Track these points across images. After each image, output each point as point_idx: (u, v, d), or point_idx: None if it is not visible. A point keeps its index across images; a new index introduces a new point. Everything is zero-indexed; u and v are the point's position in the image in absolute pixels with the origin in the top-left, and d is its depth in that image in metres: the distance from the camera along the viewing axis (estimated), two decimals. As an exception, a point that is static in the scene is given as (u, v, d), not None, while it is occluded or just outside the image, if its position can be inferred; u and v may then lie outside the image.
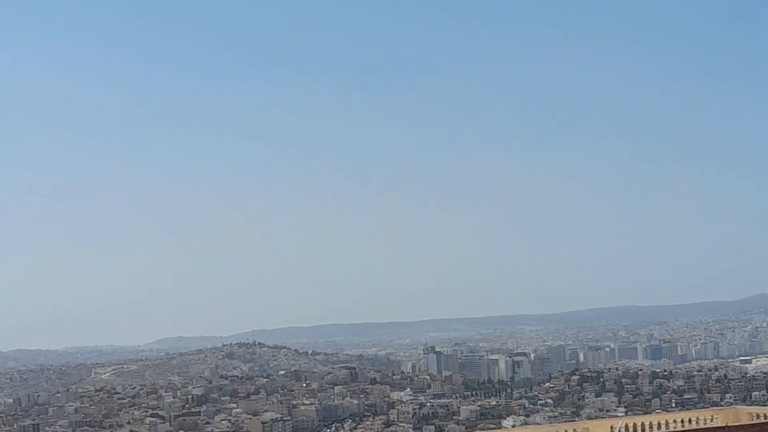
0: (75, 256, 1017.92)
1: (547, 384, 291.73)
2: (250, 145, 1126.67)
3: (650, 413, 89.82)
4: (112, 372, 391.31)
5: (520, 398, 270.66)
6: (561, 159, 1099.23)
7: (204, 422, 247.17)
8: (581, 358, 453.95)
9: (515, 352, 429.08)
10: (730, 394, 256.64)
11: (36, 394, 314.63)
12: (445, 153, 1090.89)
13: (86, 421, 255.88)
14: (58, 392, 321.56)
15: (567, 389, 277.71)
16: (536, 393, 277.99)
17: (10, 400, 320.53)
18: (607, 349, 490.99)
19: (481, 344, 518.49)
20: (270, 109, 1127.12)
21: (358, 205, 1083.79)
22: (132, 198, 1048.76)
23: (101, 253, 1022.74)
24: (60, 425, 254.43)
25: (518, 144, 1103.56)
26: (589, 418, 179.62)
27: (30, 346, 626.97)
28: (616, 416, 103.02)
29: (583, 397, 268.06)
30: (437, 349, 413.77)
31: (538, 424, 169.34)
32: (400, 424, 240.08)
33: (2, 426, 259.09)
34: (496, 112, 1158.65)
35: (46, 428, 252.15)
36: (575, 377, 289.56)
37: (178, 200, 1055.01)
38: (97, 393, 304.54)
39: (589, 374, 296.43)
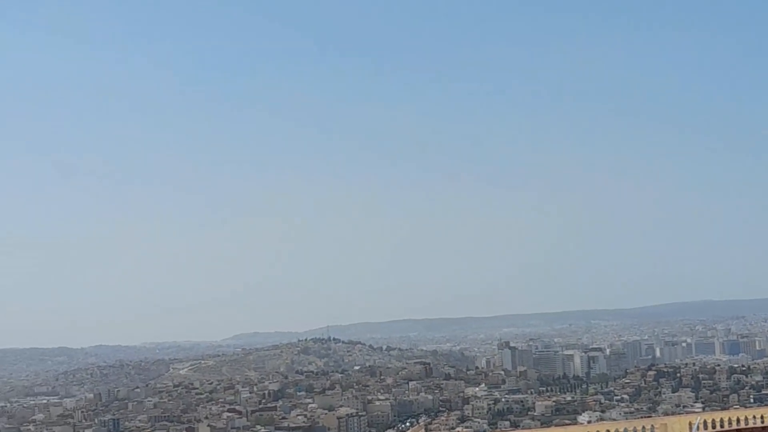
0: (152, 252, 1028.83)
1: (623, 380, 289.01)
2: (319, 135, 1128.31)
3: (728, 409, 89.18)
4: (190, 367, 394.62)
5: (596, 394, 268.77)
6: (638, 152, 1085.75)
7: (280, 417, 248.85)
8: (657, 354, 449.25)
9: (590, 347, 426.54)
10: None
11: (116, 390, 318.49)
12: (521, 144, 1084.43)
13: (165, 416, 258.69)
14: (138, 387, 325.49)
15: (643, 385, 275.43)
16: (612, 389, 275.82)
17: (91, 395, 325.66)
18: (684, 345, 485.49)
19: (556, 340, 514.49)
20: (341, 100, 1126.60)
21: (432, 199, 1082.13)
22: (209, 195, 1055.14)
23: (178, 249, 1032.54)
24: (139, 420, 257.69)
25: (595, 136, 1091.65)
26: (666, 414, 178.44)
27: (110, 342, 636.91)
28: (694, 412, 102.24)
29: (660, 392, 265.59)
30: (512, 344, 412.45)
31: (614, 419, 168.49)
32: (475, 420, 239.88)
33: (84, 420, 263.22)
34: (576, 105, 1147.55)
35: (126, 423, 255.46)
36: (651, 373, 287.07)
37: (255, 197, 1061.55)
38: (176, 388, 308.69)
39: (665, 370, 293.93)
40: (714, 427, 56.86)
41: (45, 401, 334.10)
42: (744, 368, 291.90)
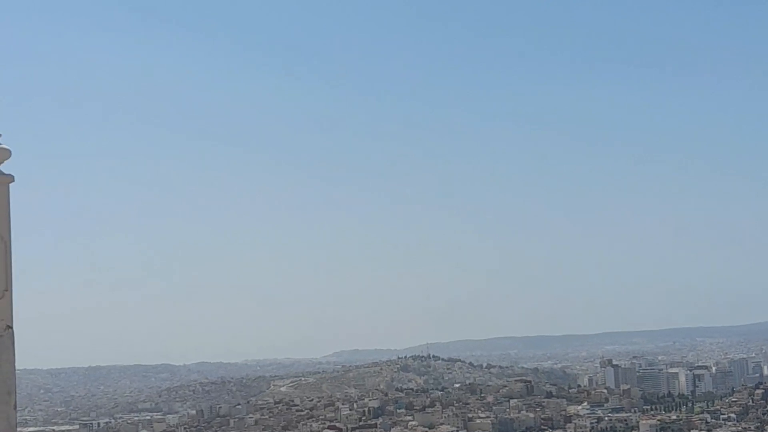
0: (255, 275, 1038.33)
1: (730, 398, 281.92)
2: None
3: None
4: (291, 384, 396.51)
5: (702, 413, 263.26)
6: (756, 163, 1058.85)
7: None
8: (765, 372, 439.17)
9: (696, 365, 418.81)
10: None
11: (218, 406, 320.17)
12: (622, 157, 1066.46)
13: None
14: (239, 404, 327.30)
15: (751, 403, 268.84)
16: (718, 407, 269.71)
17: (194, 412, 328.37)
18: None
19: (660, 357, 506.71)
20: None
21: (533, 214, 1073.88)
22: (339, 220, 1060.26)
23: (277, 265, 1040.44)
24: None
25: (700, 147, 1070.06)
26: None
27: (212, 359, 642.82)
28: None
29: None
30: (614, 362, 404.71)
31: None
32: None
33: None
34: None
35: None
36: (759, 391, 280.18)
37: (361, 212, 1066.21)
38: (276, 405, 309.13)
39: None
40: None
41: (148, 417, 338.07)
42: None
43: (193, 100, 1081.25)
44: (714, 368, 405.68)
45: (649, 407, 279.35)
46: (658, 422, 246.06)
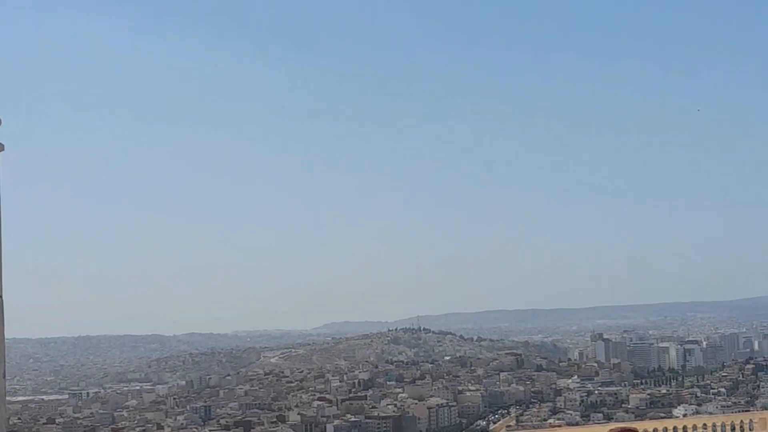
0: (243, 242, 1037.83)
1: (720, 373, 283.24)
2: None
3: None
4: (281, 356, 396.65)
5: (692, 387, 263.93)
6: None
7: (370, 406, 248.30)
8: (756, 347, 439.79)
9: (686, 340, 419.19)
10: None
11: (207, 377, 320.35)
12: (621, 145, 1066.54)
13: (255, 404, 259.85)
14: (229, 375, 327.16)
15: (741, 378, 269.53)
16: (708, 382, 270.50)
17: (183, 383, 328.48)
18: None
19: (650, 332, 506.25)
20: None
21: (527, 190, 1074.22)
22: (304, 191, 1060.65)
23: (268, 239, 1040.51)
24: (230, 407, 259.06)
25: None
26: (765, 408, 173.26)
27: (202, 330, 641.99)
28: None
29: (758, 386, 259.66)
30: (605, 336, 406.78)
31: (711, 413, 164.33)
32: (567, 412, 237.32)
33: (176, 407, 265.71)
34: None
35: (217, 410, 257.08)
36: (750, 366, 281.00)
37: (346, 196, 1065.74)
38: (266, 376, 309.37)
39: (764, 363, 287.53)
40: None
41: (138, 387, 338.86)
42: None
43: (196, 93, 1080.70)
44: (704, 343, 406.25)
45: (639, 381, 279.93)
46: (648, 396, 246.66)
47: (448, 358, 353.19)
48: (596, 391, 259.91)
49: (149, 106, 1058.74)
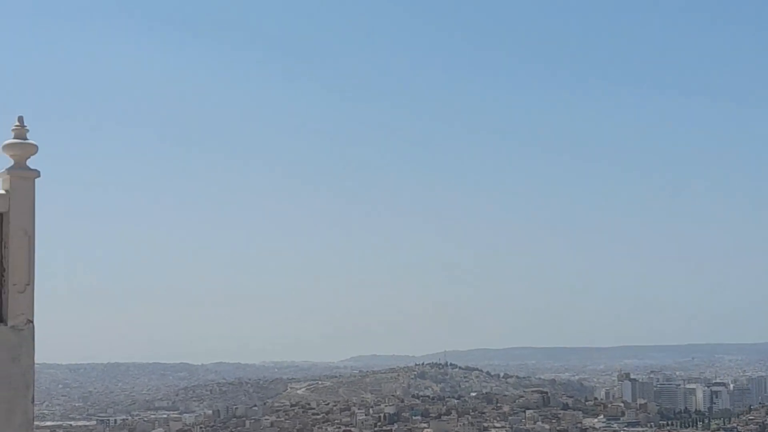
0: (275, 278, 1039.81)
1: (747, 416, 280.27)
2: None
3: None
4: (307, 387, 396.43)
5: (718, 429, 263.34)
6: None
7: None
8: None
9: (713, 381, 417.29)
10: None
11: (234, 407, 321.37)
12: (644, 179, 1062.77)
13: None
14: (255, 405, 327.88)
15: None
16: (735, 425, 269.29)
17: (210, 412, 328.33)
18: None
19: (677, 373, 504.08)
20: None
21: (557, 227, 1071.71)
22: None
23: (303, 271, 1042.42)
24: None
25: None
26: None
27: (230, 360, 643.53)
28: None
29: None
30: (632, 376, 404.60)
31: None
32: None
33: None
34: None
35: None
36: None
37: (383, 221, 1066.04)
38: (293, 407, 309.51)
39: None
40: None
41: (165, 416, 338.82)
42: None
43: (201, 107, 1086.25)
44: (732, 385, 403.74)
45: (665, 422, 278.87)
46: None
47: (474, 394, 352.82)
48: (622, 431, 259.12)
49: (170, 126, 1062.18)
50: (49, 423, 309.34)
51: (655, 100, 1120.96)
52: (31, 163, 15.50)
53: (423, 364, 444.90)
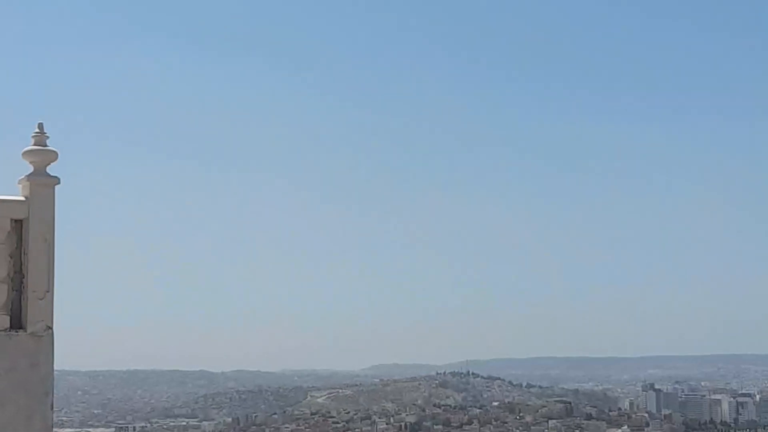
0: (295, 285, 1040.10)
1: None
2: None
3: None
4: (328, 396, 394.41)
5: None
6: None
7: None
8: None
9: (740, 392, 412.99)
10: None
11: (254, 415, 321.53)
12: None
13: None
14: (275, 413, 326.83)
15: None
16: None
17: (229, 419, 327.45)
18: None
19: (703, 383, 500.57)
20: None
21: (577, 235, 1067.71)
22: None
23: (322, 279, 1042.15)
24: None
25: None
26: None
27: (249, 368, 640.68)
28: None
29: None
30: (656, 386, 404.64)
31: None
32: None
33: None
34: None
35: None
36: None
37: (406, 229, 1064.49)
38: (313, 416, 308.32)
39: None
40: None
41: (184, 423, 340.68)
42: None
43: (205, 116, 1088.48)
44: (758, 396, 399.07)
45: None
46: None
47: (496, 403, 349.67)
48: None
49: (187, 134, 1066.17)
50: (68, 430, 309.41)
51: (664, 104, 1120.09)
52: (51, 170, 15.69)
53: (444, 372, 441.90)
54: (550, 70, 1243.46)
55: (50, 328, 15.17)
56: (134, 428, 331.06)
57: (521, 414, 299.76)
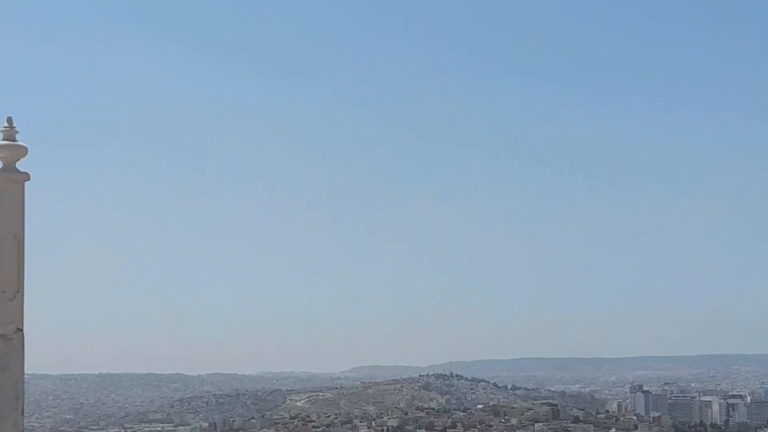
0: (273, 286, 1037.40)
1: (765, 429, 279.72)
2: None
3: None
4: (307, 399, 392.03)
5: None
6: None
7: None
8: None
9: (730, 394, 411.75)
10: None
11: (231, 419, 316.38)
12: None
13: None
14: (253, 418, 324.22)
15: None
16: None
17: (206, 424, 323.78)
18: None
19: (692, 385, 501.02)
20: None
21: (564, 236, 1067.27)
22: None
23: (300, 280, 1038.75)
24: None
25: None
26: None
27: (226, 371, 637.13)
28: None
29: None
30: (645, 388, 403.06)
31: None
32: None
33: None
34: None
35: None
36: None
37: (384, 231, 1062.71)
38: (292, 420, 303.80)
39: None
40: None
41: (159, 428, 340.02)
42: None
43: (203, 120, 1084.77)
44: (749, 398, 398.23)
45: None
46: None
47: (480, 406, 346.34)
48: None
49: (166, 137, 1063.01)
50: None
51: (664, 103, 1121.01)
52: (21, 165, 15.46)
53: (427, 375, 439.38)
54: (550, 70, 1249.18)
55: (21, 330, 14.97)
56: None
57: (506, 417, 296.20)
